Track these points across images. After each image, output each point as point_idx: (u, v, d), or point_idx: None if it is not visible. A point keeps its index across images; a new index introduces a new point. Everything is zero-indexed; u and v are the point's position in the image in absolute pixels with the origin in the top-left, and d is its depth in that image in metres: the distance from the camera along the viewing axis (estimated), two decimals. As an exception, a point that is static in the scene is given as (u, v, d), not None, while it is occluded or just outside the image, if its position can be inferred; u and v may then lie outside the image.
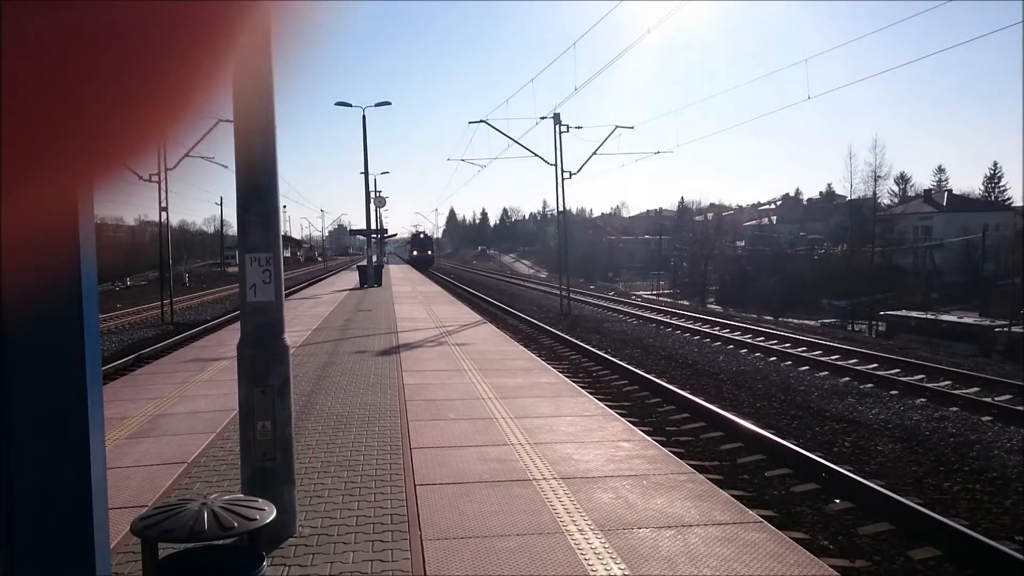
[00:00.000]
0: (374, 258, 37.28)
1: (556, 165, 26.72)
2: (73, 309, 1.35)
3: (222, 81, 0.48)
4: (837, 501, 7.07)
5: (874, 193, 51.97)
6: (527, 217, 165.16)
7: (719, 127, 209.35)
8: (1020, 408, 10.59)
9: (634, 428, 7.52)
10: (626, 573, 4.03)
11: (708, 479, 5.91)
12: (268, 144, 4.55)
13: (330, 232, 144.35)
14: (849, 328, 36.19)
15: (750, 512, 5.11)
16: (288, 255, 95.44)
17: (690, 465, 6.37)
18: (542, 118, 27.05)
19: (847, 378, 13.50)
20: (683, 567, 4.11)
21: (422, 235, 78.18)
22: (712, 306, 48.42)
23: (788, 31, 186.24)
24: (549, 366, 11.62)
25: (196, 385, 9.87)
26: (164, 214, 26.23)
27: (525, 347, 14.71)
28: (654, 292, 56.30)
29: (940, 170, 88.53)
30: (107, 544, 1.55)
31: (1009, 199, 71.96)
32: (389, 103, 34.73)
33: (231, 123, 4.54)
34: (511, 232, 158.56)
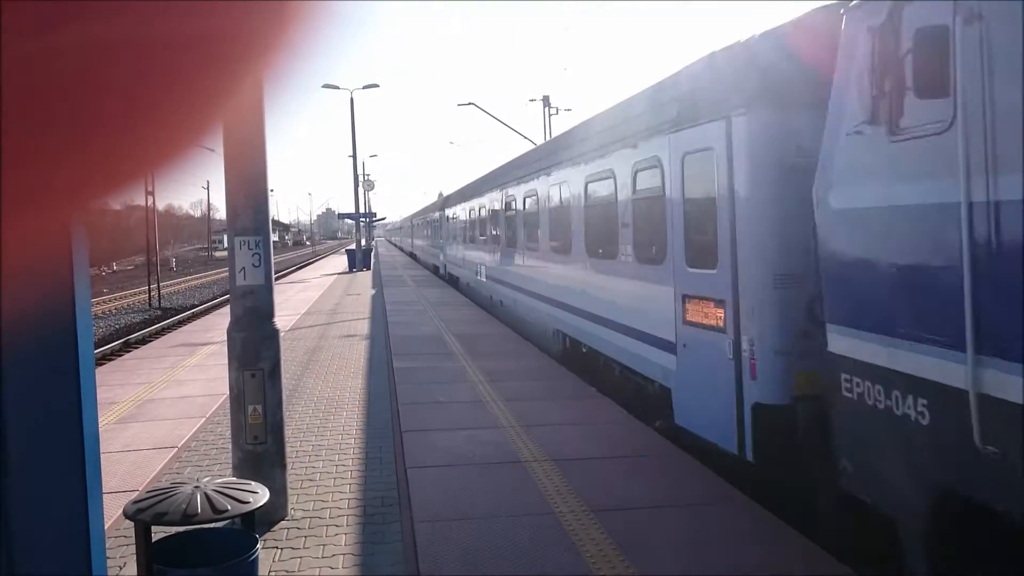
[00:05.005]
0: (363, 241, 37.21)
1: (545, 148, 26.61)
2: (66, 303, 1.34)
3: (224, 106, 0.48)
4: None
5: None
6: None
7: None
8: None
9: (625, 411, 7.56)
10: (616, 549, 4.08)
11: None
12: (257, 127, 4.52)
13: (318, 216, 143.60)
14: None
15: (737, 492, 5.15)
16: (276, 239, 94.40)
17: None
18: (531, 100, 26.93)
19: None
20: (679, 547, 4.17)
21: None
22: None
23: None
24: (539, 350, 11.64)
25: (185, 370, 9.84)
26: (150, 198, 26.00)
27: (515, 331, 14.72)
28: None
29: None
30: (102, 536, 1.55)
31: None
32: (377, 85, 34.48)
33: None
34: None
